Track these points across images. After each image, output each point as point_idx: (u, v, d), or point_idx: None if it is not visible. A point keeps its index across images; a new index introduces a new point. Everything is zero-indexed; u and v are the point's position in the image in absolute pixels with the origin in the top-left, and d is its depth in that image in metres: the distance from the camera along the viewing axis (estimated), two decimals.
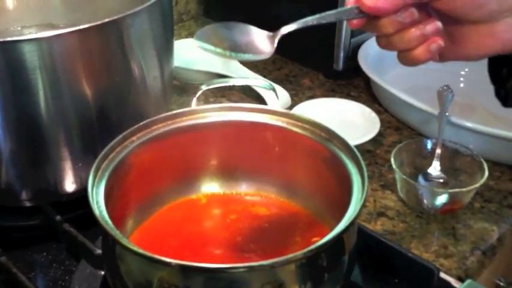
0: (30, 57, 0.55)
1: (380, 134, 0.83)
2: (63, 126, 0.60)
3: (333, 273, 0.48)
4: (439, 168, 0.74)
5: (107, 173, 0.52)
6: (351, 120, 0.86)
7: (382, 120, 0.85)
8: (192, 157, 0.61)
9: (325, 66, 1.00)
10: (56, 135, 0.60)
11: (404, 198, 0.73)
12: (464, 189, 0.70)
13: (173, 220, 0.60)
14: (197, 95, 0.61)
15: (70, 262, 0.63)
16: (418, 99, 0.82)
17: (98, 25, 0.57)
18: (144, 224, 0.59)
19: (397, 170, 0.71)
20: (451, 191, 0.71)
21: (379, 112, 0.88)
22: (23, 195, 0.65)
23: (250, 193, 0.63)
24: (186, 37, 1.12)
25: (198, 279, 0.45)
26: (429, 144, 0.76)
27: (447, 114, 0.75)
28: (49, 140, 0.60)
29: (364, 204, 0.48)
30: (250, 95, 0.94)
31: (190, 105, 0.61)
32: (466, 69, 1.01)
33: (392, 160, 0.72)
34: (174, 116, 0.59)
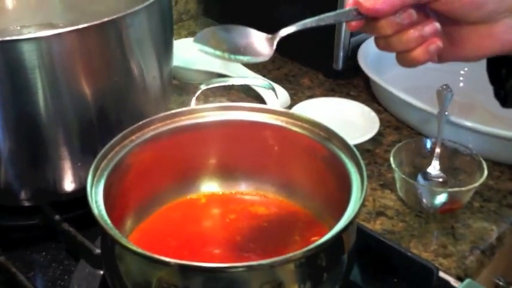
0: (30, 56, 0.55)
1: (379, 133, 0.83)
2: (62, 126, 0.60)
3: (332, 273, 0.48)
4: (438, 167, 0.74)
5: (106, 172, 0.52)
6: (351, 119, 0.86)
7: (382, 120, 0.85)
8: (191, 156, 0.61)
9: (324, 66, 1.00)
10: (55, 134, 0.60)
11: (404, 197, 0.73)
12: (463, 189, 0.70)
13: (172, 220, 0.60)
14: (196, 95, 0.62)
15: (69, 262, 0.63)
16: (417, 98, 0.82)
17: (97, 24, 0.57)
18: (143, 223, 0.59)
19: (397, 169, 0.71)
20: (450, 190, 0.71)
21: (378, 111, 0.88)
22: (22, 195, 0.65)
23: (249, 192, 0.63)
24: (186, 37, 1.12)
25: (198, 279, 0.45)
26: (428, 143, 0.76)
27: (446, 113, 0.75)
28: (48, 139, 0.60)
29: (363, 204, 0.48)
30: (249, 94, 0.93)
31: (189, 105, 0.61)
32: (466, 69, 1.01)
33: (392, 159, 0.72)
34: (174, 115, 0.59)
